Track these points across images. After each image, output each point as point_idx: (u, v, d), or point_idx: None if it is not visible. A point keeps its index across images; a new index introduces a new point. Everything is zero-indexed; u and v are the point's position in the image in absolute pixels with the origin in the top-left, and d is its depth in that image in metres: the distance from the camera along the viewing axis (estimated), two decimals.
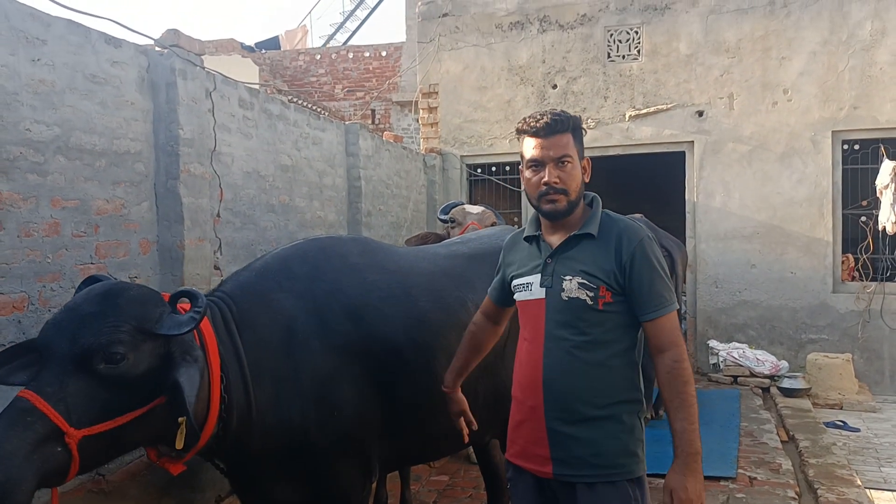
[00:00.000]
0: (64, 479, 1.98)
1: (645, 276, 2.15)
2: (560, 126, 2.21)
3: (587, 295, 2.16)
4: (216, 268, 4.52)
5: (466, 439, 2.78)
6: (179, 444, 2.17)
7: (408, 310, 2.80)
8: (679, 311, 6.52)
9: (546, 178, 2.20)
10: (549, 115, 2.23)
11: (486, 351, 2.70)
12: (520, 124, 2.30)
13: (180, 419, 2.12)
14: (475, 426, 2.73)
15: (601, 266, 2.17)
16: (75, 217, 3.47)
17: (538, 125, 2.22)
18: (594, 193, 2.35)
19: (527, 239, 2.38)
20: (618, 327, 2.19)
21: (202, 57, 4.41)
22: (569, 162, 2.20)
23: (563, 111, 2.28)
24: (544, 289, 2.24)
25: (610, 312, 2.17)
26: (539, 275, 2.26)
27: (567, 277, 2.19)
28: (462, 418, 2.72)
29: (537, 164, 2.23)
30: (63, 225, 3.39)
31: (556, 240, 2.28)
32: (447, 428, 2.96)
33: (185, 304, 2.28)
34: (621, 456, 2.18)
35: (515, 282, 2.37)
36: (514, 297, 2.38)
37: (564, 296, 2.18)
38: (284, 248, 2.84)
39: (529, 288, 2.29)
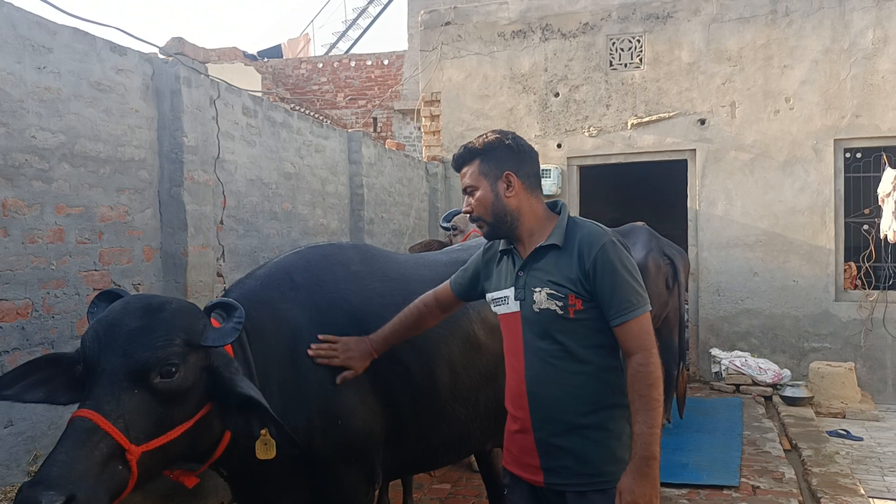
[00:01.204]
0: (120, 496, 1.96)
1: (608, 281, 2.13)
2: (462, 159, 2.34)
3: (556, 305, 2.16)
4: (219, 275, 4.52)
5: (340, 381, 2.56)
6: (271, 453, 2.20)
7: None
8: (682, 319, 6.53)
9: (464, 208, 2.36)
10: (456, 152, 2.36)
11: (420, 332, 2.69)
12: None
13: (263, 431, 2.14)
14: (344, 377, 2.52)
15: (566, 275, 2.17)
16: (79, 224, 3.48)
17: (452, 162, 2.39)
18: (562, 201, 2.39)
19: (502, 252, 2.40)
20: (593, 333, 2.19)
21: (206, 65, 4.44)
22: (474, 190, 2.31)
23: (480, 137, 2.34)
24: (518, 302, 2.26)
25: (582, 320, 2.17)
26: (513, 288, 2.29)
27: (536, 289, 2.20)
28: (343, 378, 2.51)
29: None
30: (67, 232, 3.40)
31: (525, 252, 2.30)
32: (449, 436, 2.96)
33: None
34: (610, 463, 2.18)
35: (493, 295, 2.40)
36: (495, 310, 2.40)
37: (536, 307, 2.20)
38: (286, 255, 2.84)
39: (506, 301, 2.32)
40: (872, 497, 4.64)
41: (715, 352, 7.98)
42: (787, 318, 7.96)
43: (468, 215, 2.35)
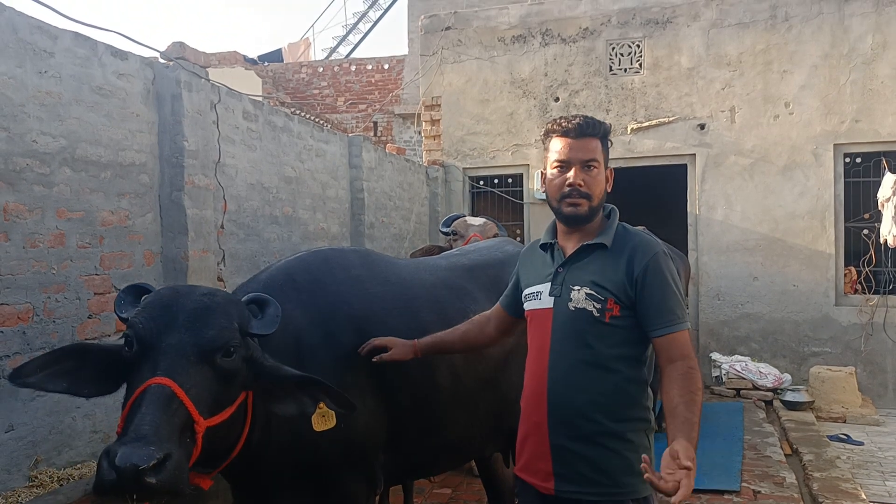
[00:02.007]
0: None
1: (657, 291, 2.10)
2: (591, 129, 2.19)
3: (594, 306, 2.12)
4: (220, 279, 4.52)
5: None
6: (330, 423, 2.24)
7: (410, 321, 2.80)
8: None
9: (571, 180, 2.17)
10: (582, 118, 2.21)
11: (469, 349, 2.69)
12: (549, 125, 2.28)
13: (321, 405, 2.20)
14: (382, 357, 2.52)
15: (610, 278, 2.13)
16: (80, 228, 3.48)
17: (570, 125, 2.20)
18: (612, 205, 2.33)
19: (542, 247, 2.35)
20: (625, 342, 2.15)
21: (206, 69, 4.44)
22: (595, 167, 2.18)
23: (595, 119, 2.25)
24: (553, 298, 2.21)
25: (616, 326, 2.13)
26: (549, 283, 2.24)
27: (576, 287, 2.16)
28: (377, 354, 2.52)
29: (563, 165, 2.20)
30: (68, 236, 3.40)
31: (570, 248, 2.25)
32: (449, 441, 2.95)
33: None
34: (626, 475, 2.13)
35: (527, 291, 2.34)
36: (524, 306, 2.35)
37: (572, 306, 2.15)
38: (288, 259, 2.85)
39: (539, 297, 2.26)
40: (874, 502, 4.64)
41: (715, 356, 7.98)
42: (788, 322, 7.96)
43: (570, 188, 2.17)
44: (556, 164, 2.21)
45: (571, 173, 2.17)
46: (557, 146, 2.22)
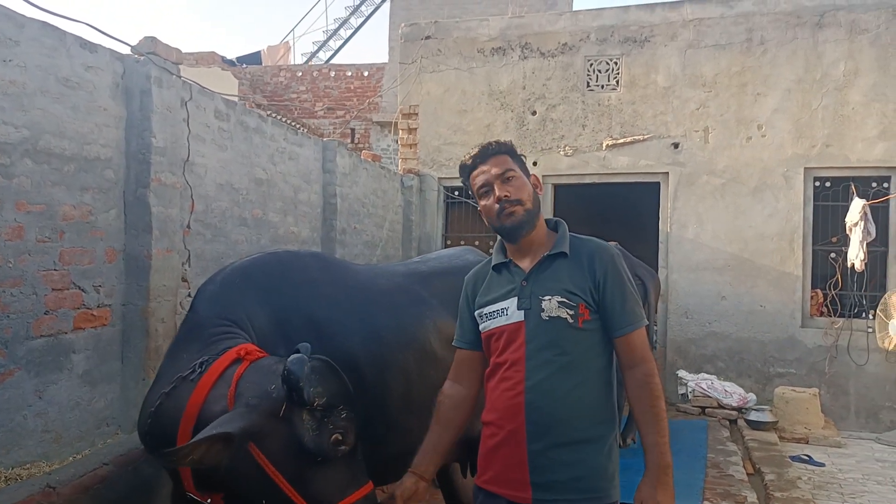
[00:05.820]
0: None
1: (618, 293, 2.20)
2: (494, 149, 2.33)
3: (567, 313, 2.17)
4: (184, 280, 4.44)
5: None
6: None
7: (366, 325, 2.80)
8: (651, 339, 6.54)
9: (498, 194, 2.26)
10: (481, 145, 2.36)
11: (462, 428, 2.46)
12: (462, 162, 2.40)
13: None
14: None
15: (578, 284, 2.20)
16: (40, 222, 3.39)
17: (476, 153, 2.34)
18: (558, 218, 2.41)
19: (496, 268, 2.37)
20: (595, 346, 2.21)
21: (179, 66, 4.37)
22: (513, 176, 2.28)
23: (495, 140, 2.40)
24: (523, 311, 2.22)
25: (588, 331, 2.19)
26: (515, 298, 2.25)
27: (546, 297, 2.19)
28: None
29: (487, 188, 2.30)
30: (27, 229, 3.31)
31: (527, 263, 2.29)
32: (401, 450, 2.89)
33: None
34: (601, 479, 2.18)
35: (486, 309, 2.32)
36: (485, 325, 2.32)
37: (545, 315, 2.18)
38: (244, 260, 2.82)
39: (505, 312, 2.26)
40: None
41: (682, 374, 8.01)
42: (754, 342, 8.02)
43: (499, 202, 2.25)
44: (481, 191, 2.33)
45: (495, 190, 2.27)
46: (476, 176, 2.34)
